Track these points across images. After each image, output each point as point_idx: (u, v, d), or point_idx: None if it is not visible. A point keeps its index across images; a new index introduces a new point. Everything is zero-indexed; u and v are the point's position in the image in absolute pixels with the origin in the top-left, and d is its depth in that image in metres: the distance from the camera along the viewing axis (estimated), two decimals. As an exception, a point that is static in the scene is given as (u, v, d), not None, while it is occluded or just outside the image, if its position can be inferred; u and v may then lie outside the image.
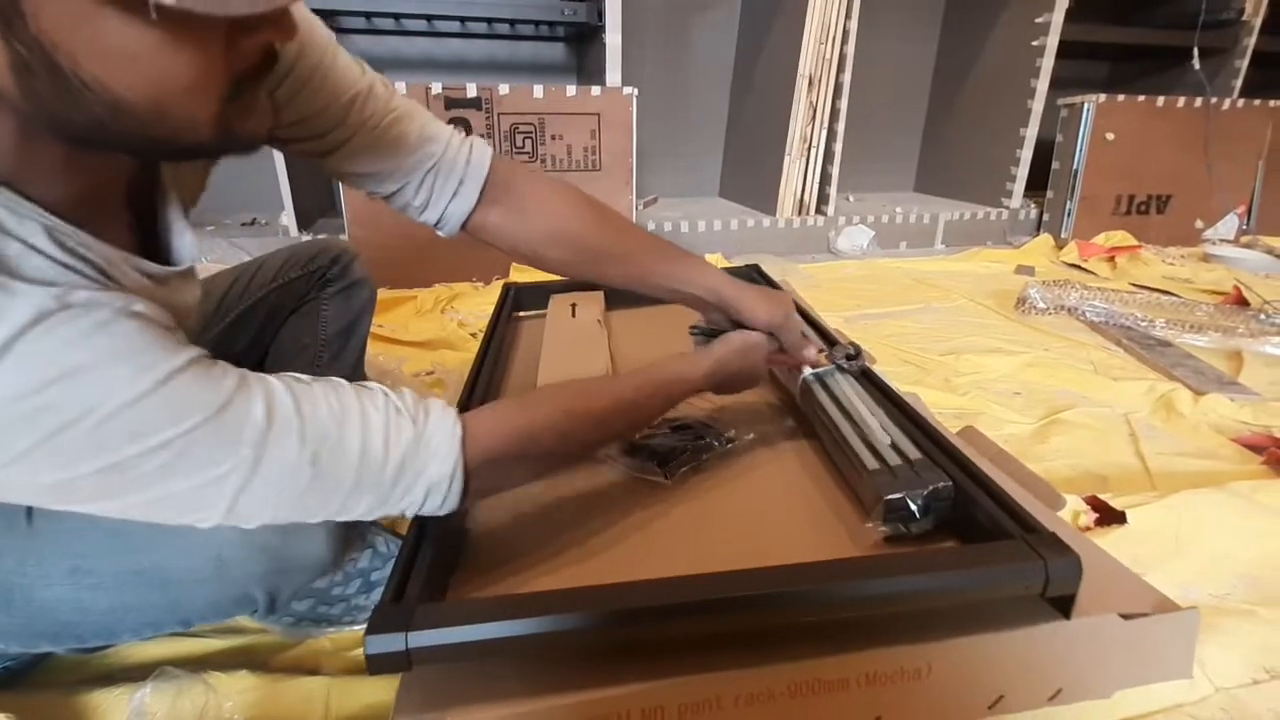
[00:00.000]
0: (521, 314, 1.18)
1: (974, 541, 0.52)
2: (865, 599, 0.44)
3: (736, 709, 0.42)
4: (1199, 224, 2.34)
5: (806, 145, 1.99)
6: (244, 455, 0.35)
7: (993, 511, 0.50)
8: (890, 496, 0.53)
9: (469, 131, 1.86)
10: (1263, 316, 1.41)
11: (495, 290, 1.51)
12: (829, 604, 0.43)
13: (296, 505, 0.38)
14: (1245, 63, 2.36)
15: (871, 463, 0.58)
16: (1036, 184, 2.30)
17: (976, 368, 1.21)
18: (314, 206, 2.02)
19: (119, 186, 0.41)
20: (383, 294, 1.46)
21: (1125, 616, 0.47)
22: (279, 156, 1.18)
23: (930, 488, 0.54)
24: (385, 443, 0.39)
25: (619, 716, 0.41)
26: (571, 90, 1.70)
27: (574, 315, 1.09)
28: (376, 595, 0.62)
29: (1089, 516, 0.73)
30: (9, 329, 0.29)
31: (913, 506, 0.53)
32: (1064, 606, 0.46)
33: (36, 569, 0.44)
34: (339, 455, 0.38)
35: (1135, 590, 0.50)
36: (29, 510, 0.44)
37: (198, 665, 0.55)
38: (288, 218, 1.78)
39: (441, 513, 0.44)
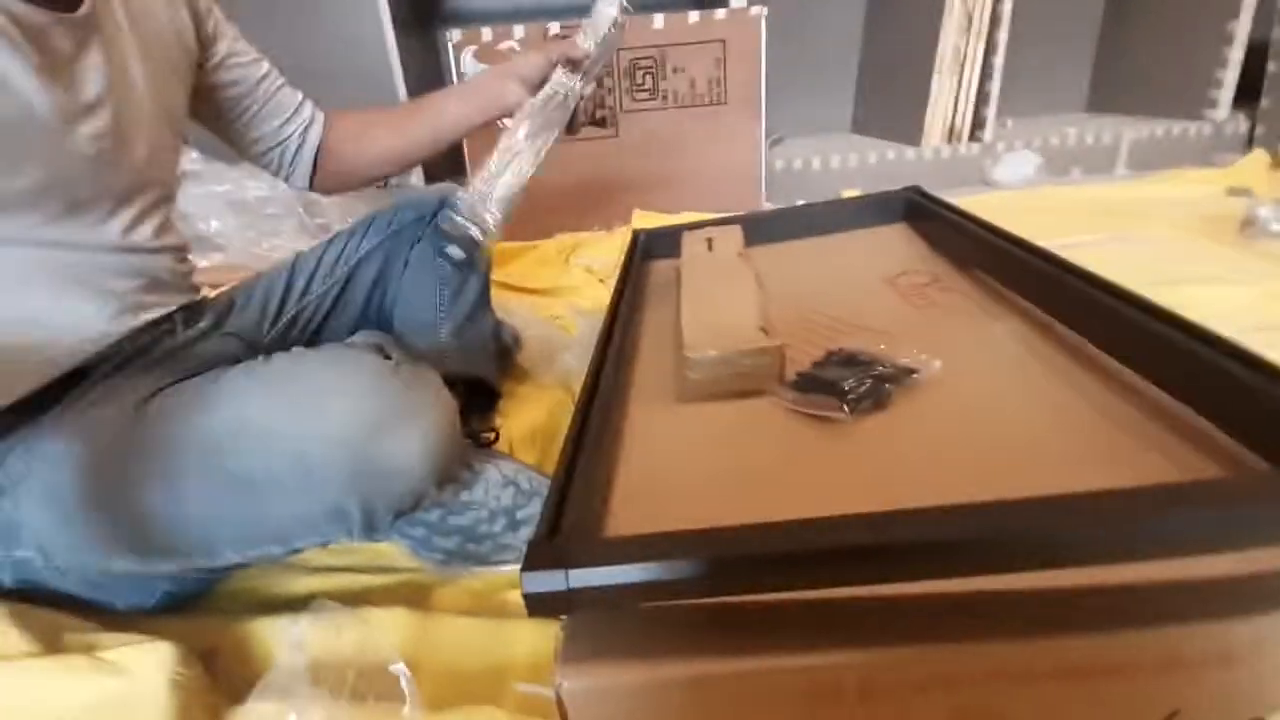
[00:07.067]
0: (654, 259, 1.11)
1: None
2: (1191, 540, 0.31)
3: (989, 687, 0.33)
4: None
5: (960, 60, 1.75)
6: None
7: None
8: None
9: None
10: None
11: (619, 236, 1.45)
12: (1139, 548, 0.32)
13: None
14: None
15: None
16: (1247, 93, 1.91)
17: (1198, 301, 1.00)
18: (443, 169, 2.05)
19: None
20: (502, 246, 1.44)
21: None
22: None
23: None
24: None
25: (834, 686, 0.33)
26: (694, 17, 1.58)
27: (710, 249, 1.00)
28: (524, 534, 0.59)
29: None
30: None
31: None
32: None
33: (138, 466, 0.46)
34: None
35: None
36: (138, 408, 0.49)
37: (354, 601, 0.53)
38: (416, 177, 1.81)
39: None
